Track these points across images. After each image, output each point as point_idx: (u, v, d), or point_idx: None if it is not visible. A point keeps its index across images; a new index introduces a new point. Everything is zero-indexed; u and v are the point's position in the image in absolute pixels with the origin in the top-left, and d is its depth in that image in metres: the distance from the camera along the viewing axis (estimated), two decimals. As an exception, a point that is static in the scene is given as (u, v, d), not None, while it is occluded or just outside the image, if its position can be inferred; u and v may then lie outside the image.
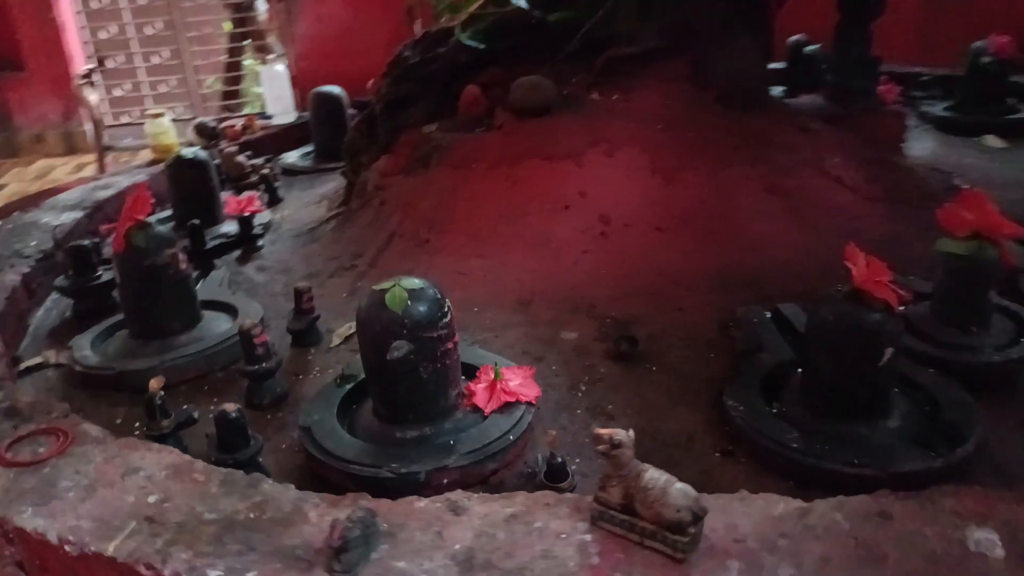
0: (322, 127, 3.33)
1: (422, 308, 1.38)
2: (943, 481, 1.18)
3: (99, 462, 1.30)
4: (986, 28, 3.54)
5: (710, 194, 2.20)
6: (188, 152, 2.54)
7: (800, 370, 1.54)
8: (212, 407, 1.67)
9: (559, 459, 1.30)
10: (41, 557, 1.17)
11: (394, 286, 1.40)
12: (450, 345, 1.43)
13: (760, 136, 2.38)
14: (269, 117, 3.63)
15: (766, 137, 2.39)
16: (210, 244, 2.39)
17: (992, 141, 3.11)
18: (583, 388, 1.67)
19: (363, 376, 1.59)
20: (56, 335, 2.08)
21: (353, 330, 1.94)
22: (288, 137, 3.60)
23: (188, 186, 2.54)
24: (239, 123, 3.44)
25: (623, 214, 2.14)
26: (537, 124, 2.31)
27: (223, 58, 7.54)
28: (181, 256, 1.85)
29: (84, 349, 1.83)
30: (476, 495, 1.17)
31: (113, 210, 2.77)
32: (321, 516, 1.15)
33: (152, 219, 2.62)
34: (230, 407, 1.40)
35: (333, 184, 2.98)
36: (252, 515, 1.17)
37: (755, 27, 2.52)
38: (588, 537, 1.07)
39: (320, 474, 1.41)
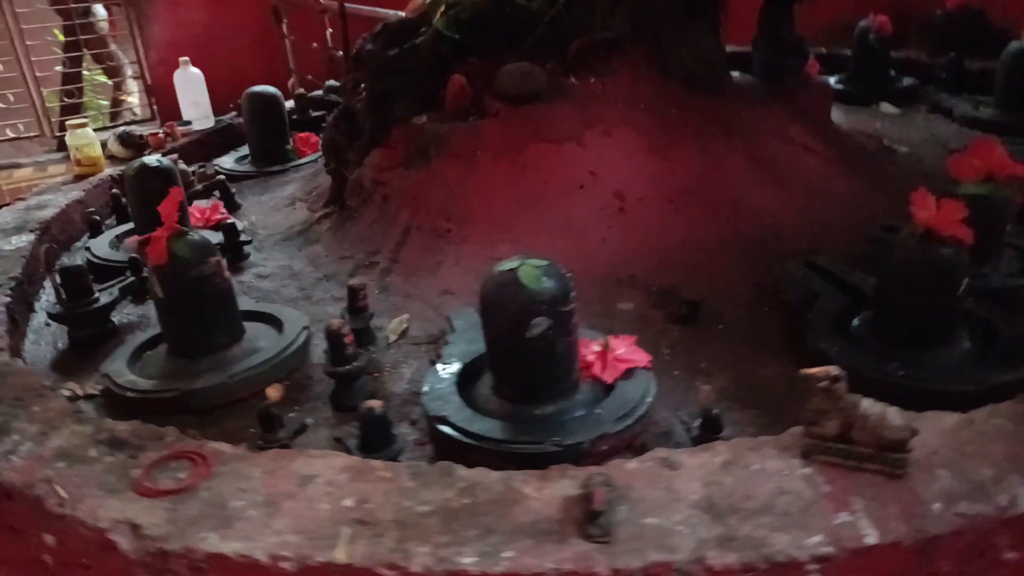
0: (258, 130, 3.17)
1: (555, 283, 1.41)
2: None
3: (261, 477, 1.22)
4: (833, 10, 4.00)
5: (703, 168, 2.34)
6: (152, 160, 2.35)
7: (865, 310, 1.70)
8: (295, 415, 1.61)
9: (715, 411, 1.37)
10: (243, 581, 1.09)
11: (521, 265, 1.41)
12: (576, 319, 1.46)
13: (728, 112, 2.55)
14: (188, 123, 3.40)
15: (733, 113, 2.56)
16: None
17: (887, 108, 3.49)
18: (666, 351, 1.74)
19: (465, 362, 1.60)
20: (62, 367, 1.88)
21: (405, 325, 1.91)
22: (209, 143, 3.39)
23: (155, 196, 2.33)
24: (160, 131, 3.20)
25: (635, 190, 2.23)
26: (531, 110, 2.34)
27: (59, 68, 6.91)
28: (223, 264, 1.74)
29: (126, 374, 1.68)
30: (680, 450, 1.22)
31: (60, 230, 2.53)
32: (539, 491, 1.16)
33: (111, 233, 2.44)
34: (375, 404, 1.36)
35: (293, 186, 2.86)
36: (466, 500, 1.15)
37: (711, 15, 2.69)
38: (807, 470, 1.15)
39: (469, 459, 1.38)
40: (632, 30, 2.59)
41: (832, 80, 3.74)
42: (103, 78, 7.21)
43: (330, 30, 6.03)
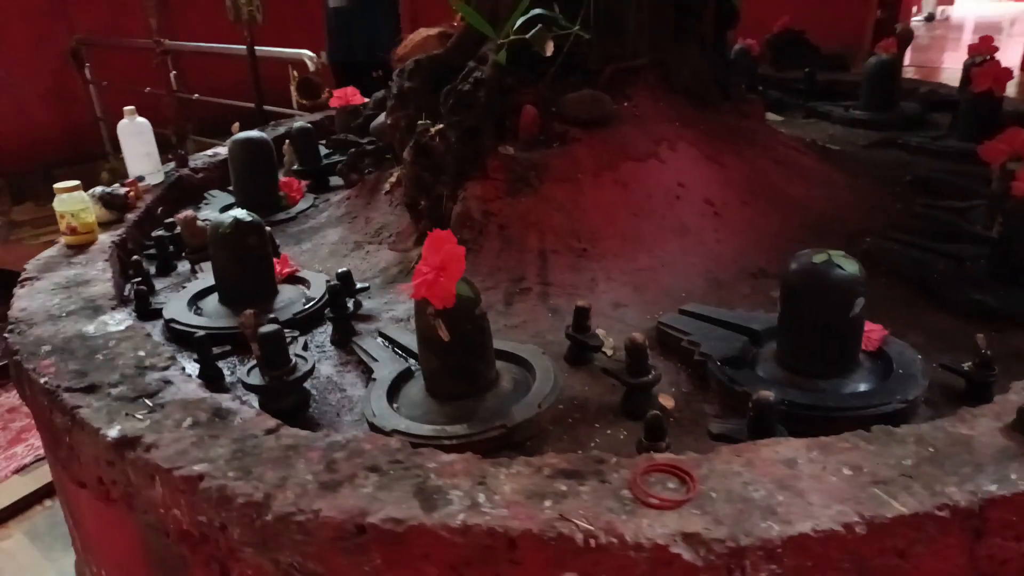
0: (250, 177, 2.95)
1: (860, 268, 1.65)
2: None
3: (747, 470, 1.31)
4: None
5: (749, 172, 2.69)
6: (244, 215, 2.17)
7: (969, 265, 2.16)
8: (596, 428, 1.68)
9: (988, 352, 1.70)
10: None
11: (830, 255, 1.65)
12: (861, 298, 1.71)
13: (733, 124, 2.94)
14: (141, 178, 3.04)
15: (736, 124, 2.95)
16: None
17: (772, 116, 4.13)
18: (850, 323, 2.05)
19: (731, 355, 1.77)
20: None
21: (611, 337, 2.02)
22: (169, 198, 3.08)
23: (254, 251, 2.18)
24: (130, 190, 2.84)
25: (716, 196, 2.52)
26: (607, 132, 2.53)
27: None
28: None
29: (415, 425, 1.61)
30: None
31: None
32: (972, 428, 1.39)
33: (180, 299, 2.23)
34: (767, 393, 1.49)
35: (333, 230, 2.74)
36: (931, 449, 1.35)
37: (698, 39, 3.05)
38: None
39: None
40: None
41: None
42: None
43: (174, 72, 5.57)
